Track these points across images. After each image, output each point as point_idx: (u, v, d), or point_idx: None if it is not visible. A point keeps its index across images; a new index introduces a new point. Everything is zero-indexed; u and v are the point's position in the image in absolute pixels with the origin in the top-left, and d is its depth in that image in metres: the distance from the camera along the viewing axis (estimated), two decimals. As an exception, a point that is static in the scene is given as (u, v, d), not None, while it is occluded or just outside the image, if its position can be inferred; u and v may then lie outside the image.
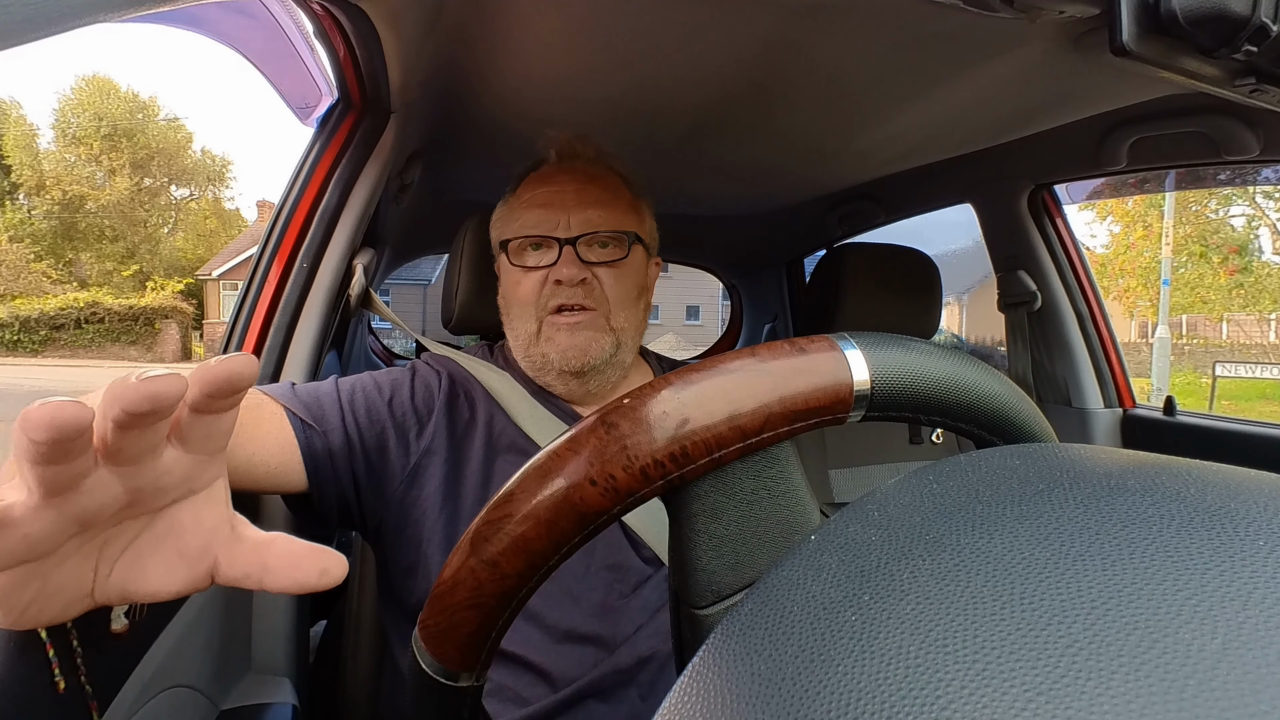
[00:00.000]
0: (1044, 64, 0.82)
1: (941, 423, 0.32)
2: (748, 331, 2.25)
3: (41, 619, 0.31)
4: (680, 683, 0.21)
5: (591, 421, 0.29)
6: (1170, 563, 0.17)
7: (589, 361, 0.75)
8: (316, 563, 0.32)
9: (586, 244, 0.75)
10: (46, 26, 0.28)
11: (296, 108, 0.96)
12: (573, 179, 0.79)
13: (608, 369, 0.77)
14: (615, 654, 0.68)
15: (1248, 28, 0.49)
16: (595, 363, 0.75)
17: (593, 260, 0.76)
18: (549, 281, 0.75)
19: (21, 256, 20.45)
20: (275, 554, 0.33)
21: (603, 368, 0.77)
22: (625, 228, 0.78)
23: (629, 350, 0.79)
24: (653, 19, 0.79)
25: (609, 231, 0.76)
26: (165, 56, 50.82)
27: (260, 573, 0.33)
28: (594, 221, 0.76)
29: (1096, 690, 0.14)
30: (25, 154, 22.61)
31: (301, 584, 0.32)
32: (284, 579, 0.32)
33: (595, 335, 0.75)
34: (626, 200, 0.80)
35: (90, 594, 0.32)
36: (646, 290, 0.83)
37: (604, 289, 0.76)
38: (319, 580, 0.32)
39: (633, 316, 0.78)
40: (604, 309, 0.76)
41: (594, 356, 0.75)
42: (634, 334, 0.79)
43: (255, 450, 0.62)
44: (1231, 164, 1.03)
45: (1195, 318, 15.57)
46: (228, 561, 0.33)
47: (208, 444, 0.31)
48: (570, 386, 0.78)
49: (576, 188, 0.78)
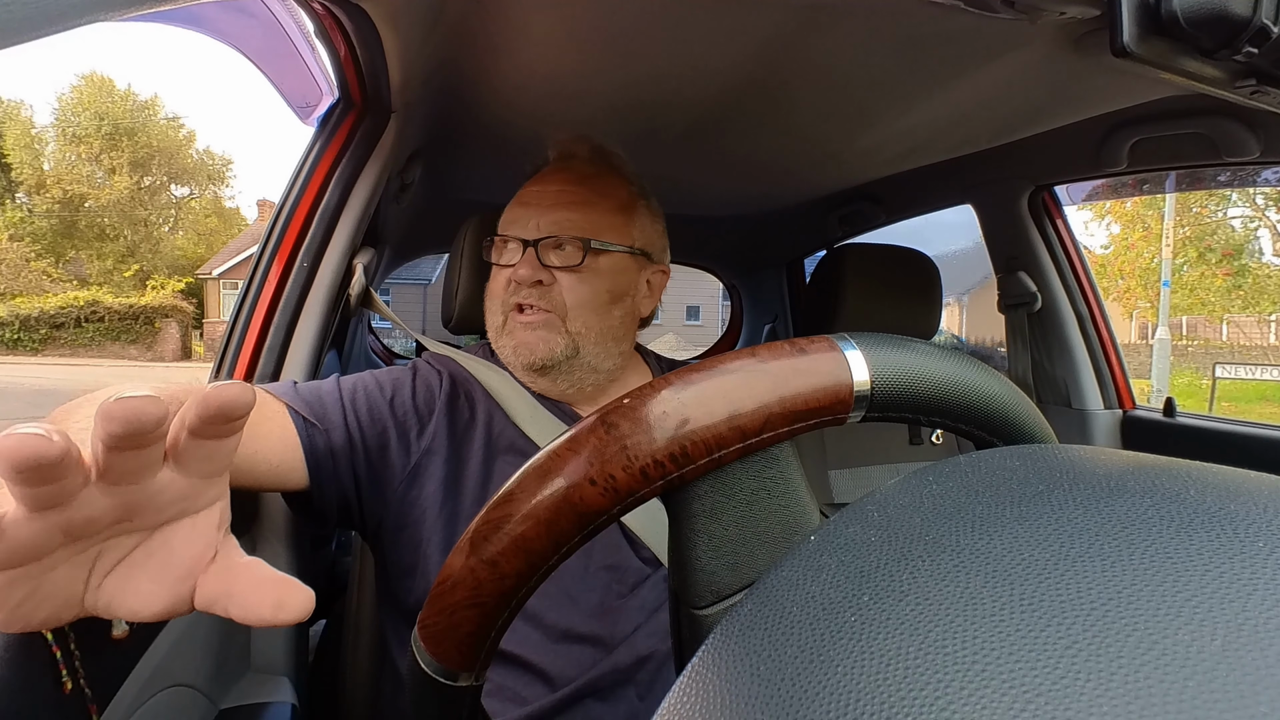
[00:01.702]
0: (1045, 65, 0.82)
1: (941, 423, 0.32)
2: (748, 332, 2.25)
3: (31, 621, 0.31)
4: (679, 682, 0.21)
5: (591, 421, 0.29)
6: (1170, 564, 0.17)
7: (537, 359, 0.75)
8: (273, 594, 0.31)
9: (546, 247, 0.76)
10: (47, 25, 0.28)
11: (297, 107, 0.96)
12: (562, 179, 0.79)
13: (573, 370, 0.77)
14: (614, 654, 0.68)
15: (1248, 29, 0.49)
16: (545, 360, 0.75)
17: (554, 263, 0.76)
18: (512, 280, 0.76)
19: (22, 255, 20.46)
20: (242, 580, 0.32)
21: (564, 367, 0.76)
22: (597, 233, 0.76)
23: (598, 355, 0.77)
24: (653, 18, 0.79)
25: (570, 236, 0.75)
26: (166, 55, 50.86)
27: (225, 599, 0.32)
28: (560, 224, 0.76)
29: (1096, 691, 0.14)
30: (26, 152, 22.61)
31: (257, 616, 0.31)
32: (241, 608, 0.31)
33: (546, 335, 0.75)
34: (616, 202, 0.79)
35: (81, 602, 0.32)
36: (628, 296, 0.80)
37: (562, 292, 0.75)
38: (274, 614, 0.31)
39: (596, 321, 0.76)
40: (560, 312, 0.75)
41: (542, 355, 0.75)
42: (598, 339, 0.77)
43: (257, 448, 0.62)
44: (1232, 165, 1.03)
45: (1195, 319, 15.59)
46: (202, 584, 0.32)
47: (206, 467, 0.31)
48: (541, 384, 0.78)
49: (559, 189, 0.78)
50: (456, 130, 1.17)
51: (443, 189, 1.50)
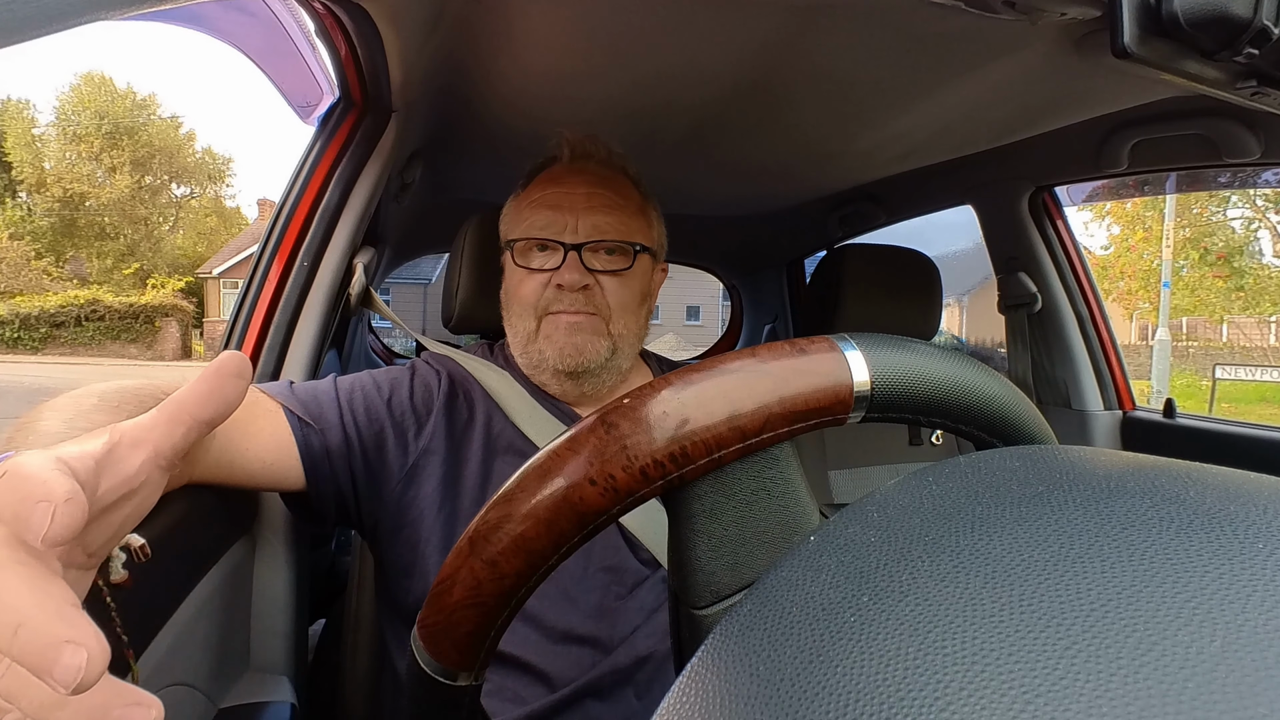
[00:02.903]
0: (1045, 66, 0.82)
1: (941, 424, 0.31)
2: (748, 332, 2.25)
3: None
4: (679, 683, 0.21)
5: (591, 421, 0.29)
6: (1169, 565, 0.17)
7: (583, 363, 0.74)
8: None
9: (592, 250, 0.75)
10: (48, 24, 0.28)
11: (298, 106, 0.96)
12: (583, 181, 0.78)
13: (603, 373, 0.77)
14: (613, 654, 0.68)
15: (1249, 30, 0.49)
16: (590, 365, 0.75)
17: (597, 267, 0.75)
18: (551, 284, 0.75)
19: (22, 254, 20.46)
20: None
21: (597, 371, 0.76)
22: (632, 236, 0.77)
23: (626, 356, 0.78)
24: (654, 18, 0.79)
25: (615, 240, 0.76)
26: (166, 54, 50.86)
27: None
28: (601, 228, 0.75)
29: (1095, 692, 0.14)
30: (26, 151, 22.61)
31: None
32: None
33: (592, 338, 0.75)
34: (636, 204, 0.80)
35: None
36: (650, 296, 0.83)
37: (606, 296, 0.76)
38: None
39: (633, 323, 0.78)
40: (604, 314, 0.76)
41: (589, 358, 0.74)
42: (633, 340, 0.79)
43: (251, 447, 0.62)
44: (1232, 167, 1.03)
45: (1195, 320, 15.58)
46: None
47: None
48: (565, 387, 0.78)
49: (586, 191, 0.77)
50: (457, 130, 1.17)
51: (443, 188, 1.50)
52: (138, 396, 0.51)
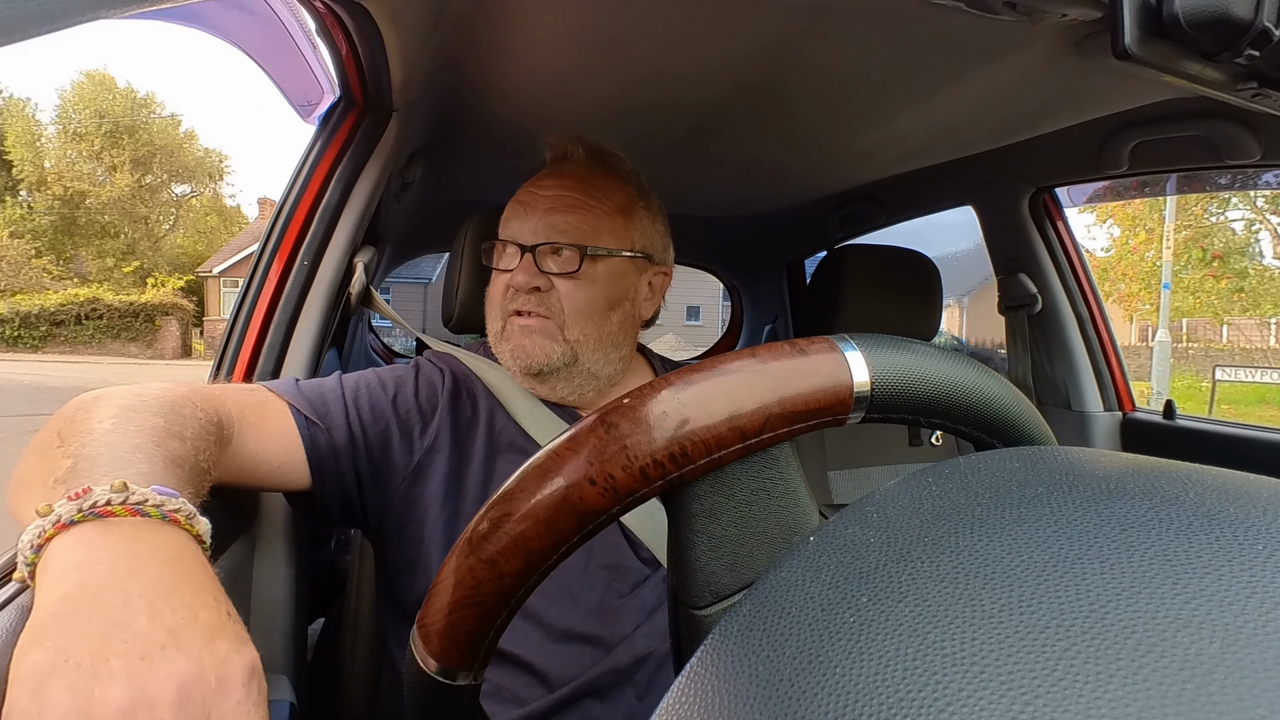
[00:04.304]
0: (1046, 67, 0.82)
1: (941, 425, 0.31)
2: (748, 332, 2.25)
3: None
4: (678, 682, 0.21)
5: (591, 421, 0.29)
6: (1169, 566, 0.17)
7: (534, 364, 0.74)
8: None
9: (544, 252, 0.75)
10: (48, 22, 0.28)
11: (298, 105, 0.96)
12: (555, 183, 0.78)
13: (572, 376, 0.77)
14: (613, 654, 0.68)
15: (1250, 32, 0.49)
16: (542, 366, 0.75)
17: (550, 269, 0.75)
18: (510, 286, 0.75)
19: (22, 253, 20.46)
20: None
21: (562, 372, 0.76)
22: (592, 238, 0.76)
23: (597, 361, 0.77)
24: (654, 18, 0.79)
25: (564, 242, 0.75)
26: (167, 53, 50.85)
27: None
28: (558, 228, 0.75)
29: (1095, 693, 0.14)
30: (27, 149, 22.61)
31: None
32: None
33: (544, 341, 0.74)
34: (614, 205, 0.78)
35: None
36: (630, 300, 0.80)
37: (560, 299, 0.75)
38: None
39: (594, 329, 0.76)
40: (558, 318, 0.75)
41: (539, 361, 0.74)
42: (597, 346, 0.76)
43: (259, 448, 0.62)
44: (1233, 168, 1.03)
45: (1196, 321, 15.58)
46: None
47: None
48: (538, 389, 0.78)
49: (553, 193, 0.77)
50: (458, 129, 1.17)
51: (443, 188, 1.50)
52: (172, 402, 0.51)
